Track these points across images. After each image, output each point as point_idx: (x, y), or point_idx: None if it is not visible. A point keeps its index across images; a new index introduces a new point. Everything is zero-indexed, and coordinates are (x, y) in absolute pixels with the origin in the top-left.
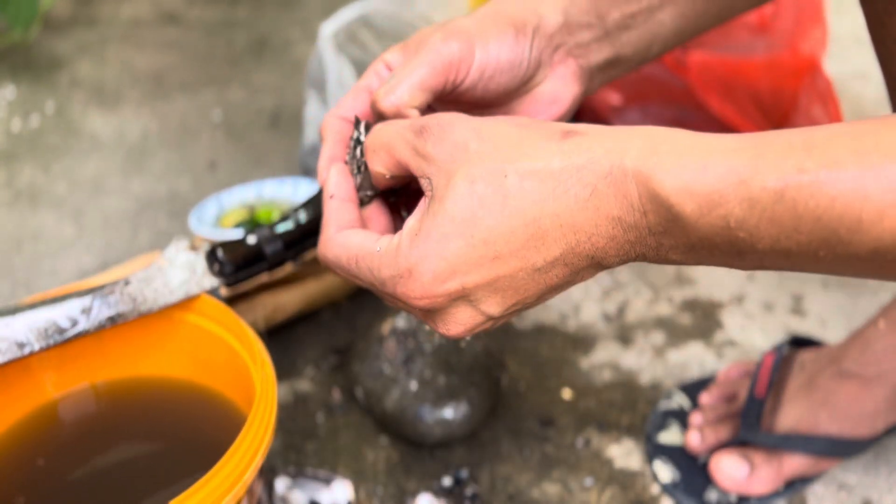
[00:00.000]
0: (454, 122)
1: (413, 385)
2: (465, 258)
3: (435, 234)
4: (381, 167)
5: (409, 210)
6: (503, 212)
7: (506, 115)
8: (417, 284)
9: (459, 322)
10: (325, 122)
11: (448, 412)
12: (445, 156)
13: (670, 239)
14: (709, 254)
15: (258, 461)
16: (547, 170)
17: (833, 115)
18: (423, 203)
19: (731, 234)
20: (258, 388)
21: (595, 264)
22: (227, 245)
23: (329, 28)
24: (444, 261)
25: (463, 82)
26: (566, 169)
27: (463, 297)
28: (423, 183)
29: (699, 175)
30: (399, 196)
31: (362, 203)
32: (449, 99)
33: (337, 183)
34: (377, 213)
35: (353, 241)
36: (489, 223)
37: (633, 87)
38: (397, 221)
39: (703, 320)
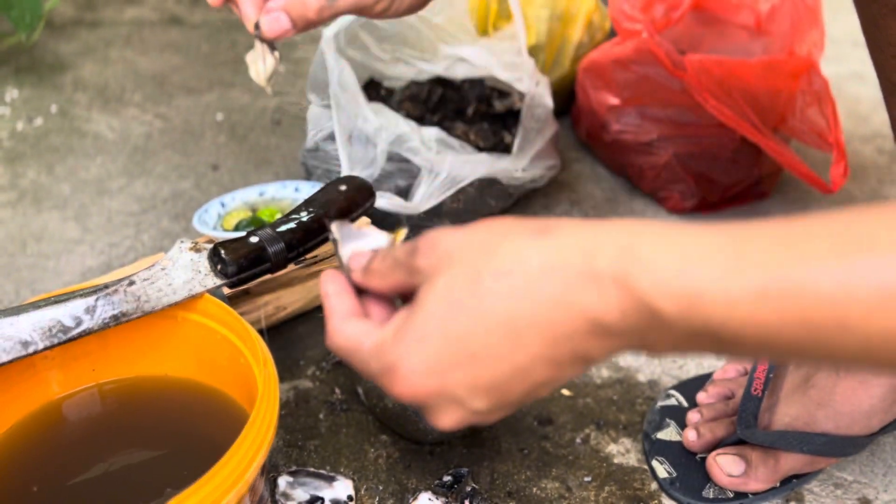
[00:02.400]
0: (441, 237)
1: None
2: (443, 357)
3: (414, 334)
4: (383, 288)
5: (405, 298)
6: (478, 311)
7: (490, 221)
8: (400, 381)
9: (447, 416)
10: None
11: None
12: (432, 266)
13: (654, 336)
14: (696, 349)
15: (260, 459)
16: (521, 269)
17: (830, 116)
18: (409, 305)
19: (714, 334)
20: (260, 386)
21: (580, 360)
22: (229, 245)
23: (330, 30)
24: (422, 361)
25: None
26: (541, 267)
27: (445, 394)
28: (416, 292)
29: (678, 276)
30: None
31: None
32: None
33: (330, 280)
34: (376, 301)
35: (349, 332)
36: (465, 322)
37: (631, 89)
38: (394, 309)
39: None
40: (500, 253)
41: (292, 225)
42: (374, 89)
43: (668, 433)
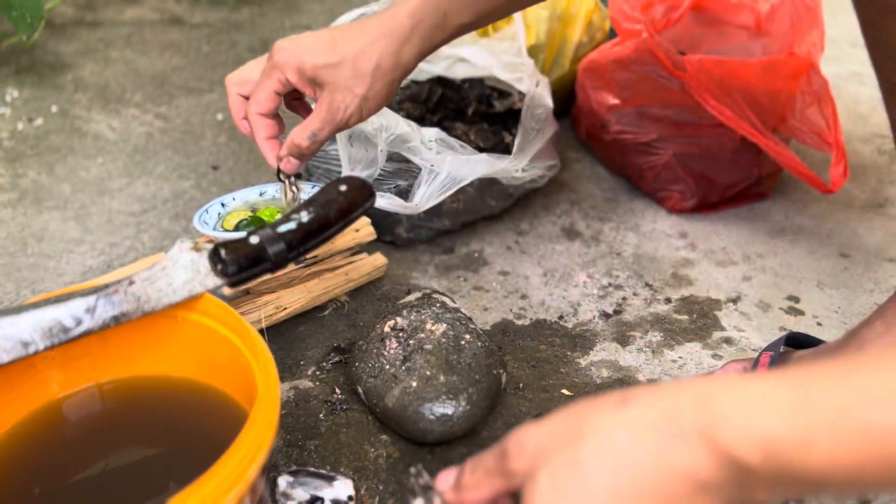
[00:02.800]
0: (527, 435)
1: (414, 383)
2: None
3: None
4: (479, 499)
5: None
6: (587, 494)
7: (568, 407)
8: None
9: None
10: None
11: (448, 410)
12: (527, 464)
13: (749, 485)
14: (791, 495)
15: (261, 459)
16: (613, 444)
17: (829, 117)
18: None
19: (798, 477)
20: (260, 386)
21: None
22: (229, 245)
23: None
24: None
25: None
26: (630, 438)
27: None
28: (519, 495)
29: (752, 424)
30: None
31: None
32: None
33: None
34: None
35: None
36: None
37: (631, 89)
38: None
39: (700, 320)
40: (589, 434)
41: (292, 225)
42: None
43: None
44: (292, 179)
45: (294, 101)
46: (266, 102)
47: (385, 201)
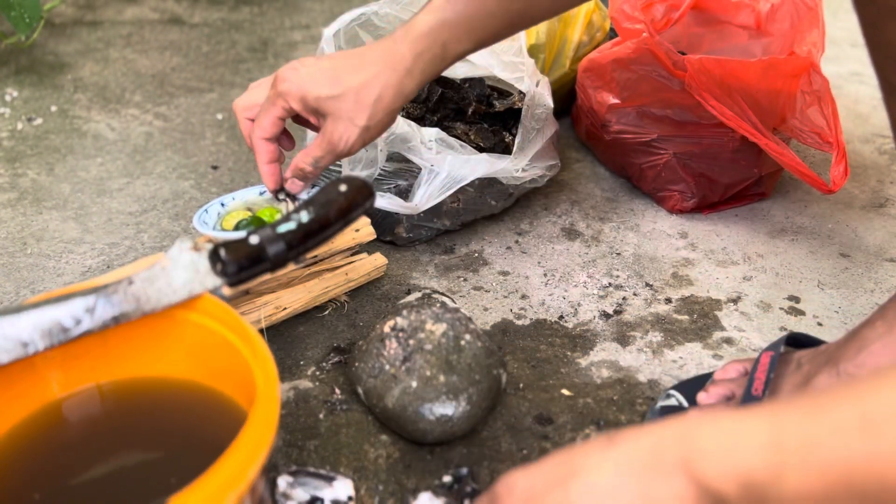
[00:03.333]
0: (516, 479)
1: (414, 383)
2: None
3: None
4: None
5: None
6: None
7: (555, 453)
8: None
9: None
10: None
11: (448, 410)
12: None
13: None
14: None
15: (260, 459)
16: (602, 480)
17: (829, 116)
18: None
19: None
20: (260, 386)
21: None
22: (229, 245)
23: (330, 29)
24: None
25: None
26: (617, 473)
27: None
28: None
29: (729, 457)
30: None
31: None
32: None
33: None
34: None
35: None
36: None
37: (631, 89)
38: None
39: (700, 320)
40: (577, 474)
41: (292, 225)
42: None
43: None
44: (293, 198)
45: (300, 117)
46: (269, 128)
47: (385, 201)
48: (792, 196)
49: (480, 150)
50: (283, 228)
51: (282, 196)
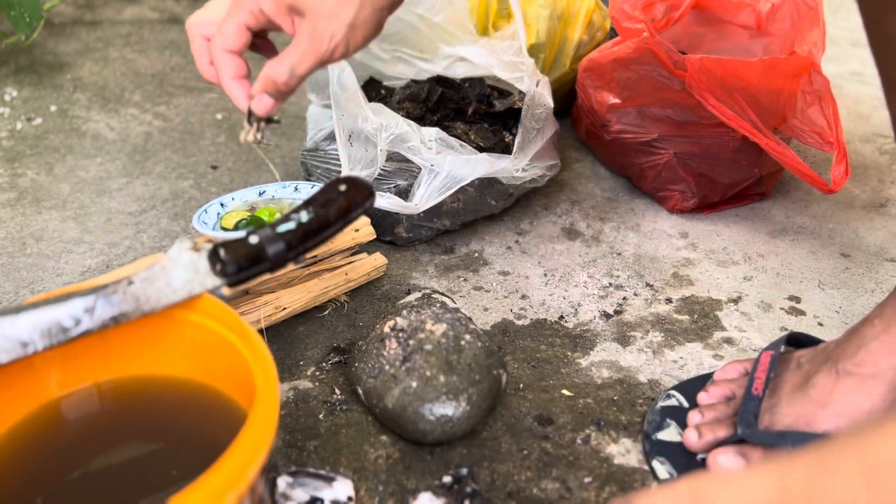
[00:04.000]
0: None
1: (414, 384)
2: None
3: None
4: None
5: None
6: None
7: None
8: None
9: None
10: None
11: (448, 411)
12: None
13: None
14: None
15: (260, 459)
16: None
17: (830, 116)
18: None
19: None
20: (260, 386)
21: None
22: (229, 245)
23: None
24: None
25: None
26: None
27: None
28: None
29: None
30: None
31: None
32: None
33: None
34: None
35: None
36: None
37: (631, 88)
38: None
39: (701, 320)
40: None
41: (292, 225)
42: (373, 89)
43: (669, 434)
44: (262, 124)
45: (258, 40)
46: (234, 37)
47: (385, 201)
48: (792, 196)
49: (480, 149)
50: (282, 228)
51: (253, 119)
